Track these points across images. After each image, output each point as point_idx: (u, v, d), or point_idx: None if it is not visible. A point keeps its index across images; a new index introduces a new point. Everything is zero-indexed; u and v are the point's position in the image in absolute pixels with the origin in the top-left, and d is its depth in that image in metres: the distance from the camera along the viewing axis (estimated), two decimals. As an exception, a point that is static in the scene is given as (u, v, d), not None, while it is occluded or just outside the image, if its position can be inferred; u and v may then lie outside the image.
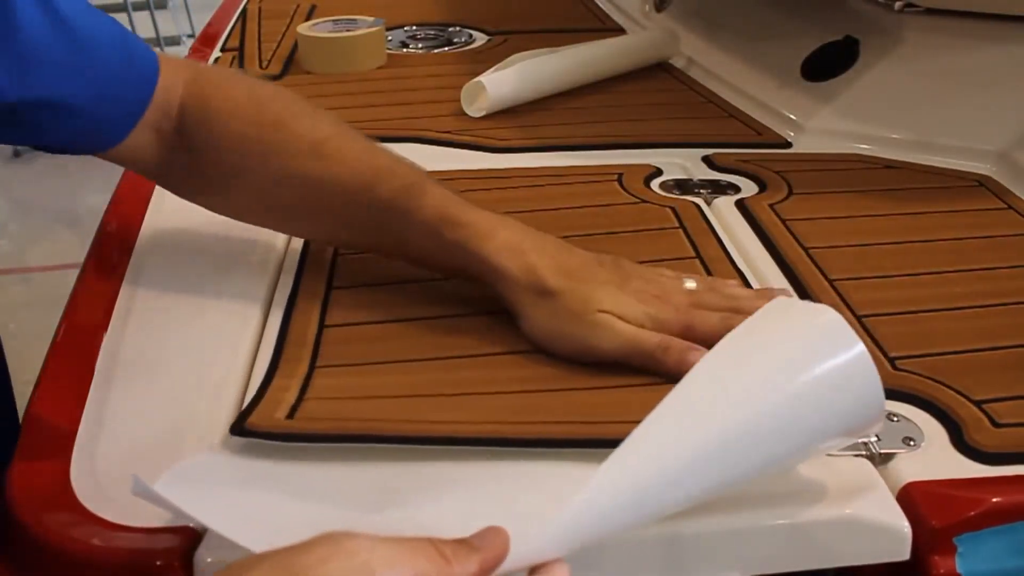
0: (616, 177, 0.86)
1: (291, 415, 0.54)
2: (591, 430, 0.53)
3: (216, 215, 0.71)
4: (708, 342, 0.56)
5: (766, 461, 0.46)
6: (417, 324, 0.64)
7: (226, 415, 0.57)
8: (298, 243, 0.74)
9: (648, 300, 0.60)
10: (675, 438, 0.44)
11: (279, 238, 0.74)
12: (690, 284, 0.63)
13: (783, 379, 0.46)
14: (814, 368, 0.46)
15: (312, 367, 0.59)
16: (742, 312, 0.58)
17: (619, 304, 0.59)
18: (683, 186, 0.85)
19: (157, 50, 0.69)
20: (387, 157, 0.67)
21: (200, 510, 0.45)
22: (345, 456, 0.51)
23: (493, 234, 0.62)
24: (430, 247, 0.64)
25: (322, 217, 0.68)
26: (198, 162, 0.67)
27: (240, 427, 0.52)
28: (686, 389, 0.46)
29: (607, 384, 0.58)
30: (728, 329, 0.56)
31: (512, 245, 0.62)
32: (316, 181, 0.65)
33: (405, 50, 1.25)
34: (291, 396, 0.56)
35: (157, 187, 0.78)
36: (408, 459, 0.51)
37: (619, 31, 1.30)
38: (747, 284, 0.68)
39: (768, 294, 0.62)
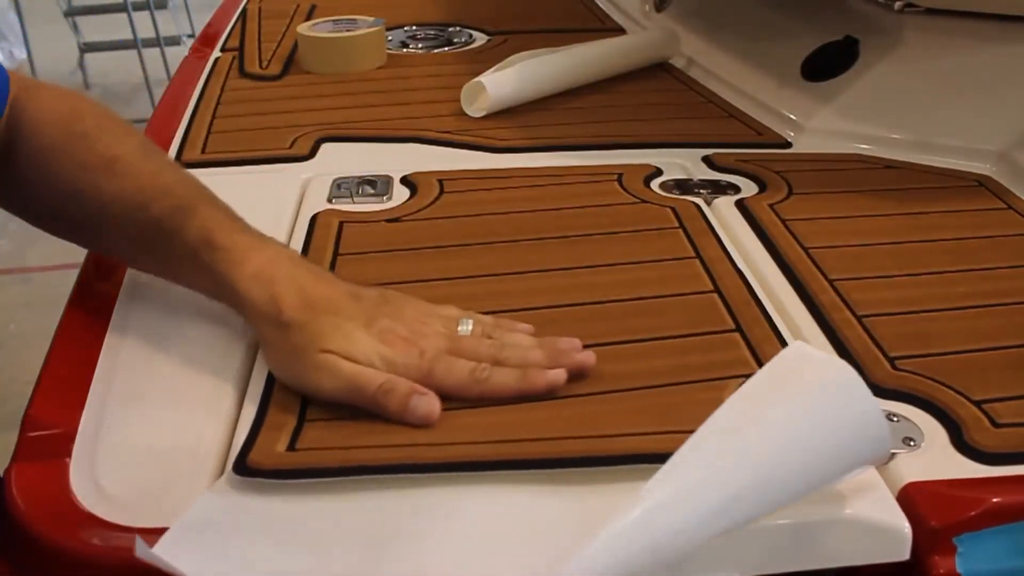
0: (616, 177, 0.86)
1: (292, 444, 0.53)
2: (587, 447, 0.52)
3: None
4: (452, 393, 0.56)
5: (759, 514, 0.47)
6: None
7: (227, 414, 0.57)
8: (299, 244, 0.74)
9: (391, 341, 0.57)
10: (682, 498, 0.44)
11: (280, 237, 0.74)
12: (465, 327, 0.60)
13: (798, 443, 0.47)
14: (830, 431, 0.47)
15: None
16: (504, 363, 0.57)
17: (348, 342, 0.56)
18: (683, 186, 0.85)
19: None
20: (172, 177, 0.65)
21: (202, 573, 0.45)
22: (345, 487, 0.50)
23: (245, 260, 0.59)
24: (190, 271, 0.62)
25: (105, 234, 0.67)
26: (14, 173, 0.67)
27: (243, 466, 0.51)
28: (697, 444, 0.46)
29: (600, 390, 0.57)
30: (475, 382, 0.56)
31: (261, 272, 0.59)
32: (101, 197, 0.64)
33: (405, 50, 1.25)
34: (291, 420, 0.55)
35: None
36: (410, 486, 0.50)
37: (619, 31, 1.30)
38: (747, 285, 0.68)
39: (549, 344, 0.59)
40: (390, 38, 1.25)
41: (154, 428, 0.56)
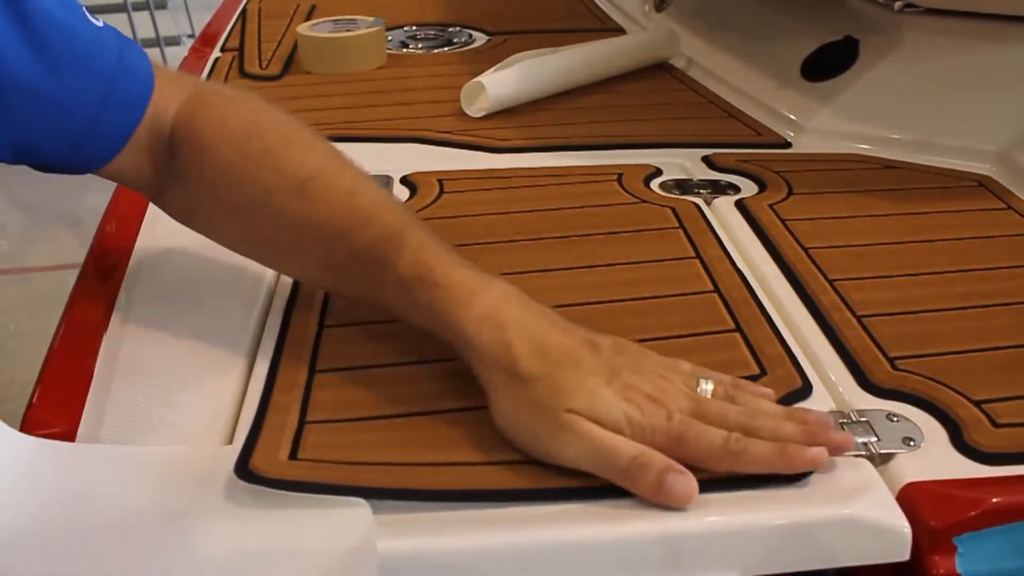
0: (616, 177, 0.86)
1: (295, 449, 0.52)
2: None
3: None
4: (700, 463, 0.50)
5: None
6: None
7: (226, 414, 0.57)
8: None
9: (637, 400, 0.52)
10: None
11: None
12: (706, 386, 0.54)
13: None
14: None
15: (312, 371, 0.59)
16: (756, 434, 0.51)
17: (596, 403, 0.51)
18: (683, 186, 0.85)
19: (159, 63, 0.66)
20: (371, 199, 0.61)
21: None
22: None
23: (470, 301, 0.55)
24: (403, 304, 0.58)
25: (301, 259, 0.64)
26: (187, 188, 0.64)
27: (245, 470, 0.50)
28: None
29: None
30: (729, 454, 0.50)
31: (490, 315, 0.54)
32: (294, 221, 0.61)
33: (405, 50, 1.26)
34: (292, 420, 0.55)
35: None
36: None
37: (619, 31, 1.30)
38: (747, 285, 0.68)
39: (800, 416, 0.53)
40: (390, 38, 1.25)
41: (153, 427, 0.56)
